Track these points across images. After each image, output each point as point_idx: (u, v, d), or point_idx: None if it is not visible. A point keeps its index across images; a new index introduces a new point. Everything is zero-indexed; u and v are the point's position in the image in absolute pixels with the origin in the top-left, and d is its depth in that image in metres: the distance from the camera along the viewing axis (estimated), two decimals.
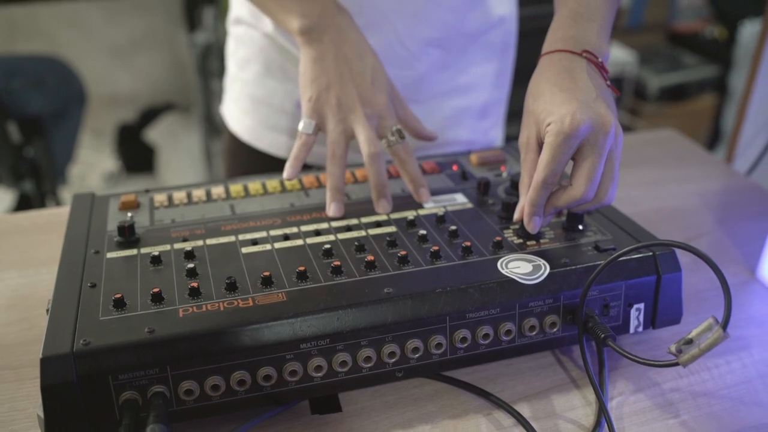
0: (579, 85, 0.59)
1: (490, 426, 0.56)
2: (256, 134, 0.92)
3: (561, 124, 0.56)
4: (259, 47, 0.88)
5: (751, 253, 0.78)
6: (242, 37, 0.91)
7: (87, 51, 2.74)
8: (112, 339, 0.50)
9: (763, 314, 0.69)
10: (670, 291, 0.61)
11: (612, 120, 0.58)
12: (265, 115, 0.90)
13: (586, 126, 0.56)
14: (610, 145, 0.58)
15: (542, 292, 0.57)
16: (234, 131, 0.95)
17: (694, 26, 2.84)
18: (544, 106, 0.59)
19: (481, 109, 0.93)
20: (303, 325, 0.52)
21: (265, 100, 0.90)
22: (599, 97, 0.59)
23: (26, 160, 1.83)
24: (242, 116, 0.93)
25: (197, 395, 0.51)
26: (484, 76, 0.92)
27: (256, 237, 0.63)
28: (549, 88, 0.60)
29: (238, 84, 0.93)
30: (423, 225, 0.65)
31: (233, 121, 0.95)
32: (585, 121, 0.56)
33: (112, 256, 0.61)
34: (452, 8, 0.83)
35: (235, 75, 0.94)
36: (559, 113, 0.57)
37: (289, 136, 0.90)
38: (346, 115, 0.68)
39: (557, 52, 0.63)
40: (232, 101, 0.95)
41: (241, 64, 0.92)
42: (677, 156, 1.02)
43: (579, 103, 0.57)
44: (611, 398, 0.59)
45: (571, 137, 0.56)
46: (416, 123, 0.74)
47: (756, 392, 0.60)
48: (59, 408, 0.48)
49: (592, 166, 0.57)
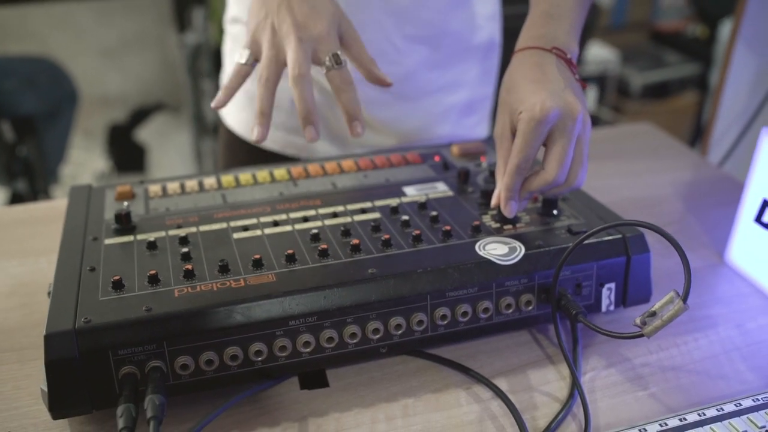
0: (548, 77, 0.63)
1: (469, 399, 0.59)
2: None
3: (532, 111, 0.60)
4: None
5: (720, 238, 0.82)
6: (239, 36, 0.93)
7: (78, 52, 2.76)
8: (112, 317, 0.53)
9: (729, 295, 0.73)
10: (639, 271, 0.64)
11: (579, 107, 0.61)
12: None
13: (555, 112, 0.60)
14: (579, 130, 0.62)
15: (518, 272, 0.60)
16: (230, 126, 0.98)
17: (676, 25, 2.89)
18: (516, 97, 0.63)
19: (467, 106, 0.97)
20: (292, 303, 0.55)
21: None
22: (567, 87, 0.62)
23: (19, 159, 1.85)
24: (238, 112, 0.96)
25: (192, 370, 0.54)
26: (471, 73, 0.95)
27: (247, 224, 0.66)
28: (521, 80, 0.64)
29: None
30: (406, 211, 0.69)
31: (229, 117, 0.98)
32: (554, 108, 0.60)
33: (110, 242, 0.64)
34: (437, 9, 0.86)
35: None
36: (530, 102, 0.60)
37: (285, 131, 0.93)
38: (280, 41, 0.66)
39: (529, 49, 0.67)
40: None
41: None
42: (653, 148, 1.06)
43: (548, 92, 0.61)
44: (584, 373, 0.62)
45: (542, 123, 0.60)
46: (369, 63, 0.70)
47: (721, 366, 0.63)
48: (62, 382, 0.51)
49: (563, 150, 0.61)
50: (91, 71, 2.78)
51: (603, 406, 0.59)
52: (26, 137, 1.86)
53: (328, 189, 0.74)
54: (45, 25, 2.71)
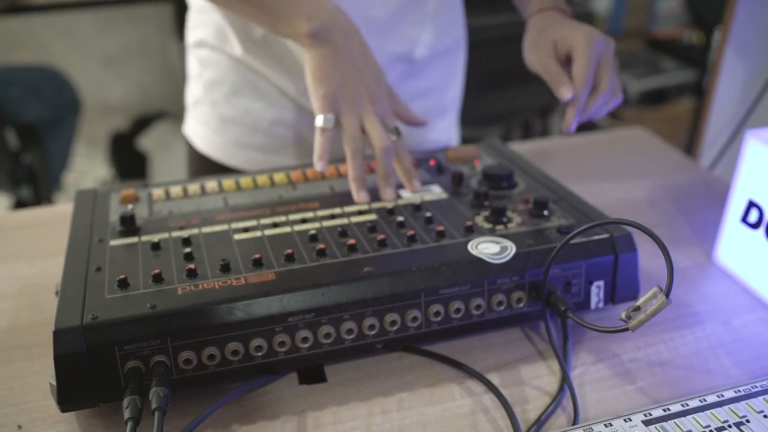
0: (572, 22, 0.81)
1: (463, 393, 0.61)
2: (228, 152, 0.95)
3: (588, 35, 0.78)
4: (228, 69, 0.91)
5: (708, 238, 0.84)
6: (207, 60, 0.93)
7: (80, 61, 2.79)
8: (118, 314, 0.55)
9: (715, 293, 0.75)
10: (627, 269, 0.67)
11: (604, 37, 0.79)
12: (237, 134, 0.93)
13: (600, 37, 0.78)
14: (613, 55, 0.80)
15: (508, 270, 0.63)
16: (202, 151, 0.97)
17: (672, 32, 2.92)
18: (552, 34, 0.80)
19: (439, 110, 1.00)
20: (291, 300, 0.57)
21: (237, 120, 0.93)
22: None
23: (23, 167, 1.87)
24: (212, 136, 0.95)
25: (195, 364, 0.56)
26: (437, 76, 0.98)
27: (248, 225, 0.69)
28: (550, 26, 0.81)
29: (206, 105, 0.95)
30: (401, 213, 0.71)
31: (201, 142, 0.97)
32: (598, 34, 0.78)
33: (115, 243, 0.66)
34: (414, 21, 0.90)
35: (202, 96, 0.95)
36: (577, 32, 0.79)
37: (264, 152, 0.94)
38: (360, 112, 0.74)
39: (544, 11, 0.85)
40: (199, 122, 0.97)
41: (209, 86, 0.94)
42: (644, 152, 1.08)
43: (583, 28, 0.79)
44: (574, 368, 0.64)
45: (597, 43, 0.77)
46: (407, 113, 0.82)
47: (707, 361, 0.65)
48: (70, 376, 0.53)
49: (609, 70, 0.79)
50: (93, 80, 2.81)
51: (592, 399, 0.61)
52: (30, 145, 1.89)
53: (326, 192, 0.76)
54: (48, 34, 2.74)
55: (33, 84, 1.94)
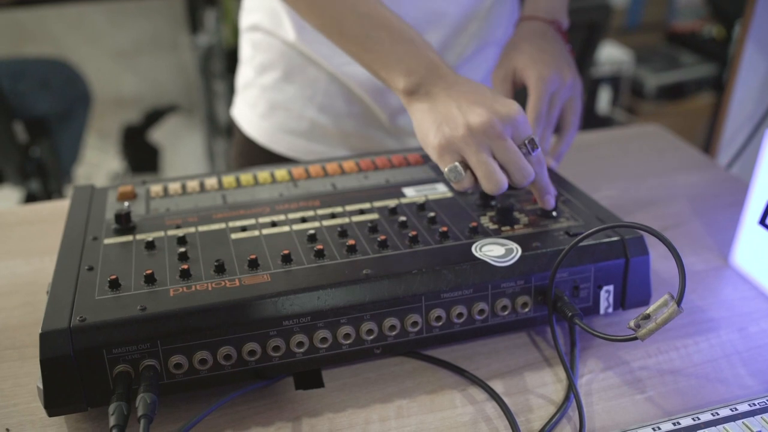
0: (548, 47, 0.78)
1: (464, 400, 0.59)
2: (274, 138, 0.95)
3: (539, 76, 0.75)
4: (280, 53, 0.91)
5: (725, 240, 0.81)
6: (260, 44, 0.93)
7: (93, 54, 2.79)
8: (107, 316, 0.53)
9: (732, 298, 0.72)
10: (638, 273, 0.64)
11: (569, 75, 0.77)
12: (284, 120, 0.93)
13: (554, 77, 0.76)
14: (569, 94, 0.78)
15: (514, 273, 0.60)
16: (249, 135, 0.97)
17: (692, 26, 2.86)
18: (519, 60, 0.77)
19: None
20: (285, 303, 0.55)
21: (284, 105, 0.93)
22: (561, 57, 0.78)
23: (33, 160, 1.87)
24: (259, 120, 0.96)
25: (186, 369, 0.54)
26: (486, 75, 0.96)
27: (245, 224, 0.67)
28: (525, 44, 0.79)
29: (256, 89, 0.95)
30: (404, 212, 0.69)
31: (248, 125, 0.97)
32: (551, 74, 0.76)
33: (110, 242, 0.65)
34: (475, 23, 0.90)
35: (252, 80, 0.95)
36: (532, 70, 0.76)
37: (308, 139, 0.94)
38: (482, 141, 0.62)
39: (533, 20, 0.82)
40: (247, 105, 0.97)
41: (260, 69, 0.94)
42: (660, 150, 1.05)
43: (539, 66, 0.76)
44: (581, 375, 0.62)
45: (549, 83, 0.75)
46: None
47: (720, 370, 0.63)
48: (57, 379, 0.52)
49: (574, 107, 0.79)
50: (105, 73, 2.80)
51: (599, 409, 0.58)
52: (40, 138, 1.89)
53: (328, 190, 0.74)
54: (61, 27, 2.74)
55: (43, 77, 1.94)
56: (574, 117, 0.79)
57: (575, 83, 0.78)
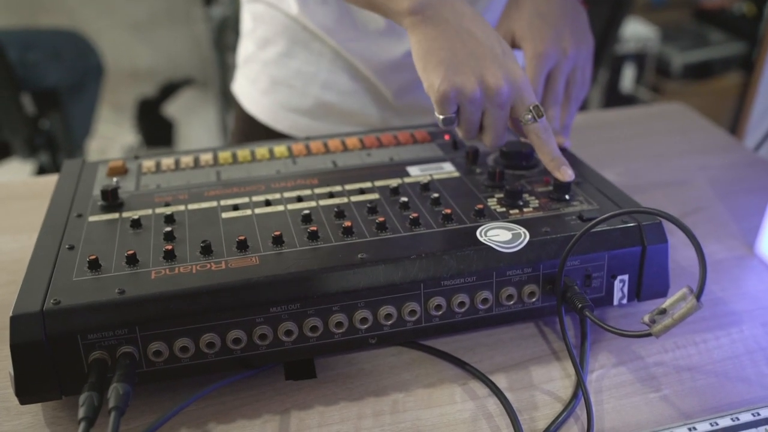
0: (552, 11, 0.73)
1: (464, 395, 0.55)
2: (275, 115, 0.90)
3: (534, 50, 0.70)
4: (283, 27, 0.86)
5: (751, 228, 0.76)
6: (262, 16, 0.88)
7: (107, 26, 2.76)
8: (82, 299, 0.50)
9: (757, 290, 0.67)
10: (655, 262, 0.59)
11: (571, 48, 0.72)
12: (286, 97, 0.89)
13: (550, 50, 0.71)
14: (570, 67, 0.73)
15: (520, 260, 0.56)
16: (249, 111, 0.93)
17: (721, 2, 2.76)
18: (516, 24, 0.73)
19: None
20: (273, 288, 0.52)
21: (286, 82, 0.88)
22: (566, 26, 0.72)
23: (42, 133, 1.85)
24: (260, 97, 0.91)
25: (166, 357, 0.51)
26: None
27: (238, 203, 0.63)
28: (519, 6, 0.73)
29: (257, 64, 0.91)
30: (406, 193, 0.64)
31: (249, 101, 0.93)
32: (545, 46, 0.71)
33: (94, 219, 0.61)
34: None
35: (253, 54, 0.91)
36: (527, 42, 0.71)
37: (311, 117, 0.89)
38: (483, 103, 0.62)
39: None
40: (248, 81, 0.93)
41: (261, 43, 0.89)
42: (684, 130, 1.00)
43: (535, 38, 0.71)
44: (592, 371, 0.58)
45: (546, 58, 0.71)
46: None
47: (742, 368, 0.58)
48: (29, 366, 0.49)
49: (580, 74, 0.74)
50: (120, 45, 2.77)
51: (609, 407, 0.54)
52: (49, 111, 1.86)
53: (328, 167, 0.70)
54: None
55: (54, 48, 1.91)
56: (576, 89, 0.74)
57: (578, 53, 0.72)
